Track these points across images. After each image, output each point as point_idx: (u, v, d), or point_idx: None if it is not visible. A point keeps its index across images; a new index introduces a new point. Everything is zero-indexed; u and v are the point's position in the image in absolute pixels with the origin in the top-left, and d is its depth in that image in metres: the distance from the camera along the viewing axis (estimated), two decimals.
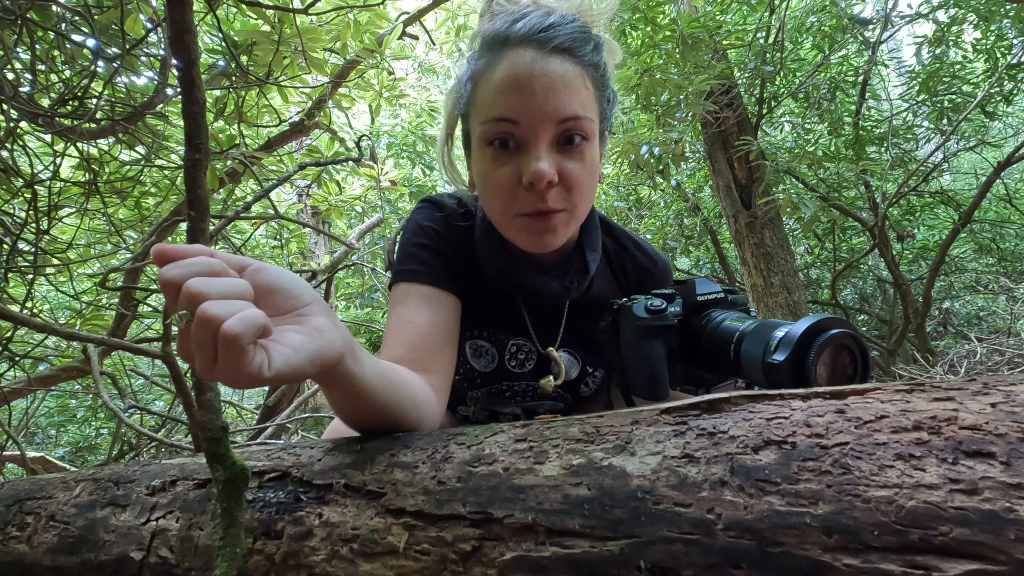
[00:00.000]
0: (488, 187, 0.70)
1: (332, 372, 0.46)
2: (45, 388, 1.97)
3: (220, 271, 0.39)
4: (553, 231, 0.70)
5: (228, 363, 0.36)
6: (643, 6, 2.90)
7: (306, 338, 0.42)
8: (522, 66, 0.65)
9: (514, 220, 0.70)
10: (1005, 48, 3.08)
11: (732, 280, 4.25)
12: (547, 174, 0.65)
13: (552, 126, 0.66)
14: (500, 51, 0.68)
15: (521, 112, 0.65)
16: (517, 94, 0.65)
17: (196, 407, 0.91)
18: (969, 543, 0.29)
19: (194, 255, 0.39)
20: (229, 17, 1.80)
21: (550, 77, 0.65)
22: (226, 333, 0.35)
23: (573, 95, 0.66)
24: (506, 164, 0.67)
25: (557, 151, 0.67)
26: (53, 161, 1.55)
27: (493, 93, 0.67)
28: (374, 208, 4.19)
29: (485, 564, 0.39)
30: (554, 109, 0.65)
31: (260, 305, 0.41)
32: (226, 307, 0.36)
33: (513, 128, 0.66)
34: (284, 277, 0.45)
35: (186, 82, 0.56)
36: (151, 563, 0.53)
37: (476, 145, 0.71)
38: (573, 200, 0.69)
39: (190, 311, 0.37)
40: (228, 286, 0.38)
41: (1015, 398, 0.34)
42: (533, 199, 0.67)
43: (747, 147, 2.75)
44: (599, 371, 0.89)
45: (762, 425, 0.38)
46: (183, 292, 0.37)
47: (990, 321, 4.22)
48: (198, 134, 0.56)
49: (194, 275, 0.38)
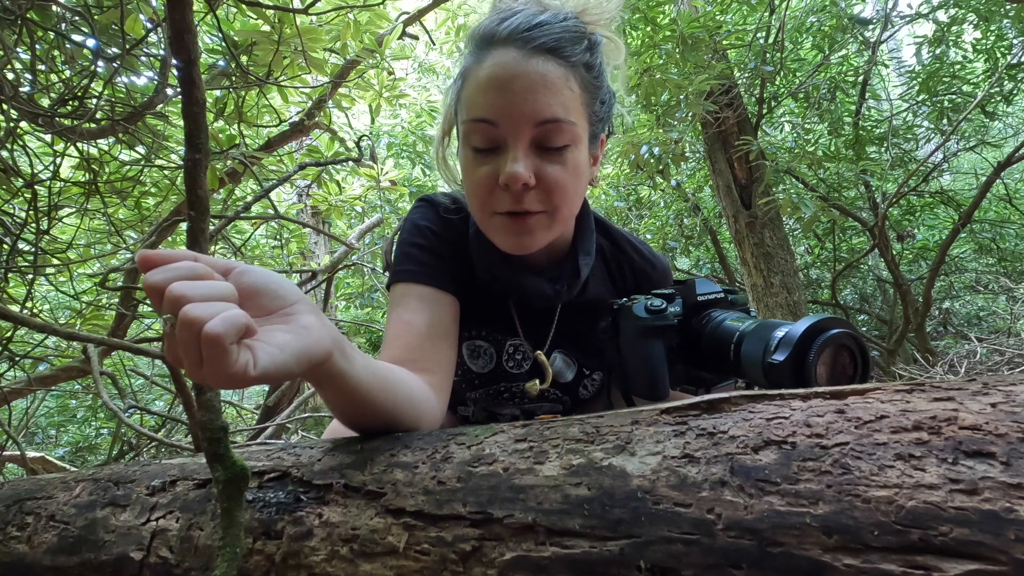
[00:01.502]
0: (468, 185, 0.71)
1: (321, 370, 0.47)
2: (45, 388, 1.97)
3: (203, 275, 0.40)
4: (530, 233, 0.69)
5: (212, 364, 0.37)
6: (643, 6, 2.90)
7: (292, 336, 0.42)
8: (502, 66, 0.64)
9: (492, 219, 0.70)
10: (1005, 48, 3.08)
11: (732, 280, 4.25)
12: (522, 176, 0.64)
13: (530, 128, 0.64)
14: (486, 50, 0.67)
15: (499, 113, 0.64)
16: (496, 94, 0.64)
17: (196, 407, 0.91)
18: (969, 543, 0.29)
19: (177, 260, 0.40)
20: (229, 17, 1.80)
21: (530, 78, 0.63)
22: (208, 334, 0.36)
23: (554, 97, 0.64)
24: (484, 164, 0.67)
25: (536, 153, 0.66)
26: (53, 161, 1.55)
27: (475, 92, 0.66)
28: (374, 208, 4.19)
29: (485, 564, 0.39)
30: (532, 111, 0.64)
31: (246, 307, 0.41)
32: (208, 308, 0.37)
33: (491, 129, 0.65)
34: (269, 278, 0.45)
35: (186, 82, 0.56)
36: (151, 563, 0.53)
37: (462, 143, 0.71)
38: (553, 203, 0.68)
39: (174, 315, 0.37)
40: (210, 289, 0.39)
41: (1015, 398, 0.34)
42: (509, 199, 0.67)
43: (747, 147, 2.75)
44: (597, 374, 0.89)
45: (762, 425, 0.38)
46: (166, 296, 0.38)
47: (990, 321, 4.22)
48: (198, 134, 0.56)
49: (177, 279, 0.38)
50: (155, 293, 0.38)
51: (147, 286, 0.39)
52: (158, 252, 0.40)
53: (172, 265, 0.39)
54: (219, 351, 0.36)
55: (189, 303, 0.37)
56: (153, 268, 0.39)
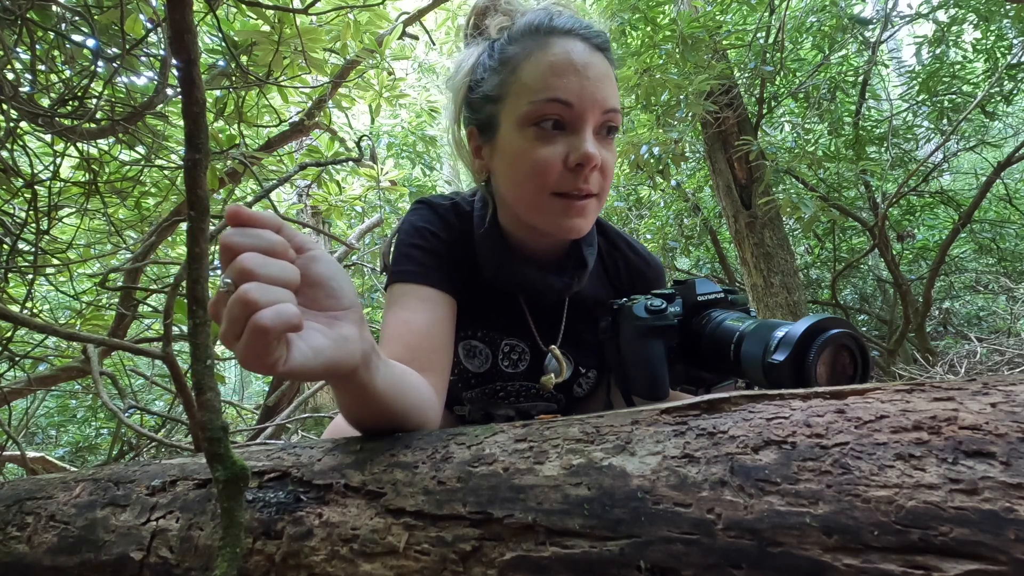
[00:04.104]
0: (522, 166, 0.70)
1: (341, 378, 0.47)
2: (45, 388, 1.97)
3: (279, 250, 0.40)
4: (583, 215, 0.72)
5: (249, 348, 0.37)
6: (643, 6, 2.90)
7: (329, 343, 0.42)
8: (577, 52, 0.68)
9: (548, 200, 0.70)
10: (1005, 48, 3.09)
11: (732, 280, 4.25)
12: (596, 156, 0.68)
13: (599, 113, 0.69)
14: (546, 38, 0.70)
15: (575, 95, 0.67)
16: (573, 77, 0.67)
17: (196, 407, 0.91)
18: (969, 543, 0.29)
19: (263, 225, 0.40)
20: (229, 17, 1.80)
21: (599, 68, 0.69)
22: (258, 323, 0.36)
23: (613, 89, 0.70)
24: (551, 144, 0.69)
25: (597, 138, 0.70)
26: (53, 161, 1.55)
27: (545, 74, 0.68)
28: (374, 208, 4.18)
29: (485, 564, 0.39)
30: (603, 97, 0.68)
31: (302, 293, 0.41)
32: (267, 294, 0.37)
33: (564, 110, 0.68)
34: (334, 275, 0.45)
35: (186, 82, 0.56)
36: (151, 563, 0.53)
37: (512, 126, 0.70)
38: (604, 187, 0.72)
39: (235, 283, 0.37)
40: (278, 271, 0.39)
41: (1015, 398, 0.34)
42: (574, 179, 0.69)
43: (747, 147, 2.75)
44: (592, 372, 0.89)
45: (762, 425, 0.38)
46: (235, 263, 0.38)
47: (990, 321, 4.22)
48: (198, 134, 0.56)
49: (252, 248, 0.38)
50: (227, 251, 0.38)
51: (223, 242, 0.38)
52: (249, 213, 0.40)
53: (253, 231, 0.39)
54: (262, 341, 0.37)
55: (252, 281, 0.37)
56: (239, 226, 0.39)
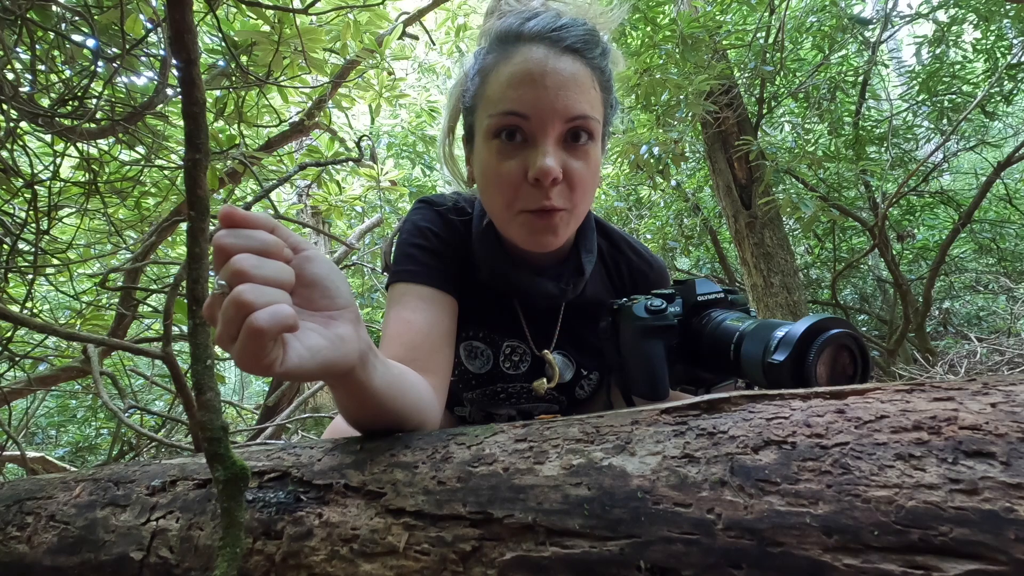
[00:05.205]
0: (491, 181, 0.70)
1: (338, 378, 0.47)
2: (45, 388, 1.97)
3: (273, 251, 0.39)
4: (554, 231, 0.69)
5: (245, 349, 0.37)
6: (643, 6, 2.91)
7: (325, 343, 0.42)
8: (534, 62, 0.65)
9: (516, 216, 0.70)
10: (1005, 48, 3.09)
11: (732, 280, 4.25)
12: (553, 170, 0.65)
13: (560, 123, 0.65)
14: (512, 46, 0.68)
15: (531, 106, 0.65)
16: (528, 88, 0.65)
17: (196, 407, 0.91)
18: (969, 543, 0.29)
19: (256, 226, 0.39)
20: (229, 17, 1.79)
21: (561, 75, 0.65)
22: (253, 325, 0.36)
23: (582, 94, 0.66)
24: (511, 158, 0.67)
25: (563, 149, 0.67)
26: (53, 161, 1.55)
27: (504, 87, 0.66)
28: (374, 208, 4.18)
29: (485, 564, 0.39)
30: (564, 106, 0.65)
31: (297, 294, 0.41)
32: (262, 295, 0.37)
33: (522, 122, 0.66)
34: (330, 275, 0.45)
35: (186, 82, 0.56)
36: (151, 563, 0.53)
37: (481, 138, 0.70)
38: (574, 200, 0.69)
39: (230, 285, 0.37)
40: (272, 272, 0.38)
41: (1015, 398, 0.34)
42: (537, 195, 0.67)
43: (747, 147, 2.75)
44: (594, 374, 0.89)
45: (762, 425, 0.38)
46: (229, 264, 0.37)
47: (990, 321, 4.23)
48: (198, 134, 0.56)
49: (245, 249, 0.38)
50: (221, 253, 0.38)
51: (216, 244, 0.38)
52: (243, 213, 0.39)
53: (247, 231, 0.39)
54: (257, 342, 0.36)
55: (247, 282, 0.37)
56: (232, 227, 0.39)
